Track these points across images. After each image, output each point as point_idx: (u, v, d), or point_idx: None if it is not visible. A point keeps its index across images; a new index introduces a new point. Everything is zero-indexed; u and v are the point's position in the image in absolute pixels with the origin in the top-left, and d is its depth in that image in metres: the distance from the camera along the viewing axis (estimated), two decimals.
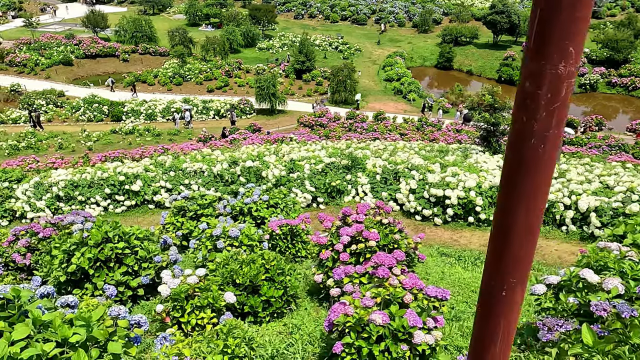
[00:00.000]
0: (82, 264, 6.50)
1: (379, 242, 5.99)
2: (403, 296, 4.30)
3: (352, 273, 4.62)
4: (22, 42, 52.38)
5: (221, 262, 6.35)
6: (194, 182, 14.60)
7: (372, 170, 14.09)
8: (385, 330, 4.01)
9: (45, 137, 31.72)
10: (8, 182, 14.73)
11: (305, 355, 4.88)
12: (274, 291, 5.92)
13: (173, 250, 7.17)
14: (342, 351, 4.09)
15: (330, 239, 6.42)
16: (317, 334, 5.31)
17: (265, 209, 10.16)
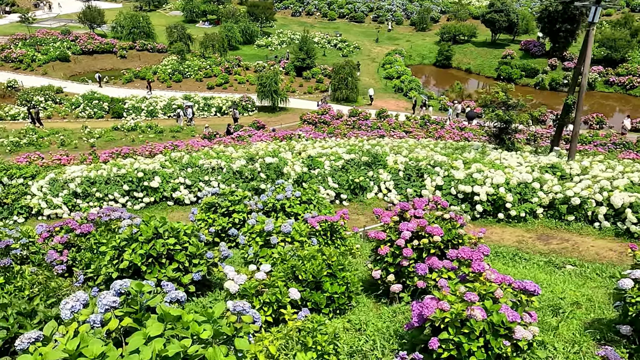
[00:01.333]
0: (134, 260, 6.36)
1: (443, 238, 5.91)
2: (494, 291, 4.23)
3: (440, 267, 4.55)
4: (18, 38, 51.62)
5: (279, 257, 6.24)
6: (214, 179, 14.44)
7: (394, 166, 14.03)
8: (485, 326, 3.94)
9: (47, 134, 31.28)
10: (22, 178, 14.46)
11: (385, 352, 4.79)
12: (337, 287, 5.83)
13: (223, 246, 7.04)
14: (438, 347, 4.01)
15: (388, 235, 6.34)
16: (389, 330, 5.23)
17: (298, 205, 10.05)
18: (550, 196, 11.06)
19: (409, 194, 12.85)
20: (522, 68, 50.15)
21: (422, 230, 6.01)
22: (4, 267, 5.08)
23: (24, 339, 2.71)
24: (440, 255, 5.98)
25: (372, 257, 6.64)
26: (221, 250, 6.94)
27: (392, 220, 6.39)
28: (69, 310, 2.78)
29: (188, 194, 14.29)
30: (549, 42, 52.16)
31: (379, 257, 6.51)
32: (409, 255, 5.96)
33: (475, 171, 12.41)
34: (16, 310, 4.16)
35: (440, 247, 5.92)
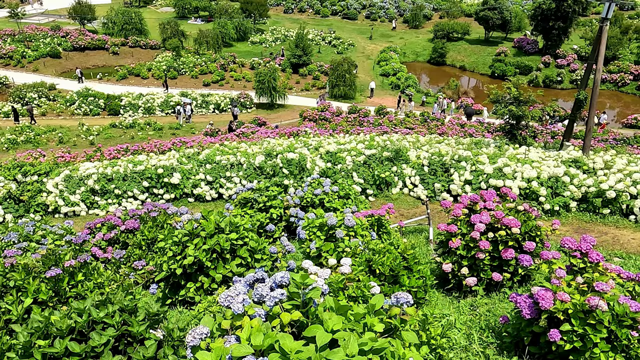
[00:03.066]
0: (199, 255, 6.17)
1: (520, 229, 5.84)
2: (607, 280, 4.16)
3: (550, 258, 4.47)
4: (6, 34, 50.44)
5: (350, 251, 6.11)
6: (235, 175, 14.23)
7: (417, 161, 13.97)
8: (609, 316, 3.87)
9: (44, 131, 30.64)
10: (37, 175, 14.09)
11: (484, 345, 4.70)
12: (415, 281, 5.72)
13: (284, 240, 6.88)
14: (560, 339, 3.92)
15: (459, 227, 6.25)
16: (477, 323, 5.14)
17: (336, 199, 9.92)
18: (583, 189, 11.09)
19: (437, 189, 12.80)
20: (516, 65, 50.54)
21: (498, 222, 5.93)
22: (83, 264, 4.86)
23: (195, 335, 2.55)
24: (517, 247, 5.91)
25: (439, 250, 6.55)
26: (284, 244, 6.78)
27: (463, 212, 6.30)
28: (241, 303, 2.62)
29: (209, 191, 14.06)
30: (541, 39, 52.69)
31: (447, 250, 6.43)
32: (486, 248, 5.88)
33: (502, 165, 12.40)
34: (118, 307, 3.98)
35: (518, 239, 5.85)
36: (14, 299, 4.56)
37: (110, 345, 3.66)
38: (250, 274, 3.37)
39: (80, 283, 4.79)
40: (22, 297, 4.52)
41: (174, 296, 6.52)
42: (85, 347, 3.58)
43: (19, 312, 4.41)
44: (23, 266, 4.57)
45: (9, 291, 4.68)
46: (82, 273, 4.86)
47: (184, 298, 6.38)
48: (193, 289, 6.35)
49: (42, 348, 3.61)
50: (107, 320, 3.85)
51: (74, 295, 4.72)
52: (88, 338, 3.76)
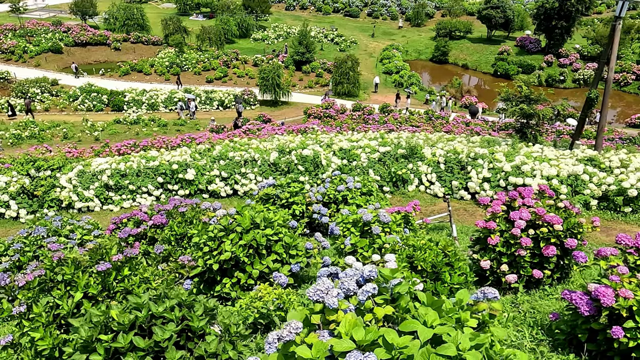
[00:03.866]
0: (236, 251, 6.12)
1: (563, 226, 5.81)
2: None
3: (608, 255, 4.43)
4: (7, 28, 50.11)
5: (389, 248, 6.07)
6: (250, 171, 14.16)
7: (432, 159, 13.93)
8: None
9: (48, 127, 30.48)
10: (50, 170, 13.98)
11: (536, 342, 4.67)
12: (457, 277, 5.68)
13: (318, 236, 6.83)
14: (623, 336, 3.89)
15: (498, 224, 6.21)
16: (525, 320, 5.11)
17: (359, 196, 9.88)
18: (603, 188, 11.08)
19: (454, 186, 12.77)
20: (519, 64, 50.56)
21: (539, 219, 5.90)
22: (128, 258, 4.80)
23: (291, 330, 2.50)
24: (558, 244, 5.88)
25: (476, 247, 6.51)
26: (319, 240, 6.73)
27: (502, 209, 6.26)
28: (335, 298, 2.57)
29: (224, 187, 13.99)
30: (544, 38, 52.72)
31: (484, 246, 6.39)
32: (527, 245, 5.84)
33: (519, 163, 12.38)
34: (176, 302, 3.92)
35: (560, 236, 5.81)
36: (62, 293, 4.50)
37: (173, 340, 3.61)
38: (324, 269, 3.32)
39: (127, 278, 4.73)
40: (71, 292, 4.46)
41: (209, 292, 6.46)
42: (149, 342, 3.52)
43: (69, 307, 4.36)
44: (72, 260, 4.50)
45: (56, 285, 4.62)
46: (128, 268, 4.80)
47: (219, 294, 6.33)
48: (229, 285, 6.29)
49: (106, 343, 3.56)
50: (167, 315, 3.79)
51: (121, 289, 4.66)
52: (148, 333, 3.71)
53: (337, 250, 6.92)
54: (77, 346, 3.72)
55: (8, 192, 13.31)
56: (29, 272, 4.59)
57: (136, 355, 3.50)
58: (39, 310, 4.36)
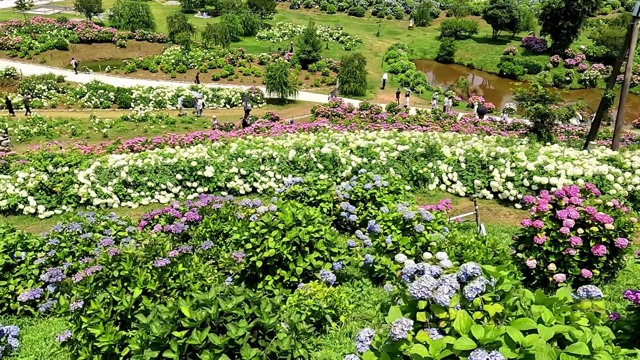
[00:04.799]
0: (281, 248, 6.05)
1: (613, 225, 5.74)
2: None
3: None
4: (12, 25, 49.99)
5: (435, 246, 6.00)
6: (269, 169, 14.09)
7: (452, 158, 13.86)
8: None
9: (56, 123, 30.39)
10: (68, 166, 13.90)
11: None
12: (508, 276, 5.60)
13: (359, 233, 6.76)
14: None
15: (545, 223, 6.14)
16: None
17: (387, 194, 9.81)
18: (630, 188, 11.02)
19: (477, 185, 12.70)
20: (525, 64, 50.49)
21: (589, 217, 5.83)
22: (183, 254, 4.72)
23: (403, 327, 2.43)
24: (608, 244, 5.82)
25: (520, 246, 6.44)
26: (361, 238, 6.66)
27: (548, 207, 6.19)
28: (447, 295, 2.51)
29: (243, 184, 13.92)
30: (550, 39, 52.64)
31: (529, 245, 6.32)
32: (578, 244, 5.78)
33: (542, 163, 12.32)
34: (244, 298, 3.85)
35: (611, 235, 5.75)
36: (118, 289, 4.43)
37: (247, 337, 3.54)
38: (410, 266, 3.25)
39: (181, 274, 4.66)
40: (129, 288, 4.39)
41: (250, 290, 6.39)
42: (225, 340, 3.45)
43: (129, 303, 4.28)
44: (130, 256, 4.43)
45: (112, 281, 4.55)
46: (182, 264, 4.72)
47: (261, 292, 6.26)
48: (271, 282, 6.22)
49: (180, 340, 3.48)
50: (237, 312, 3.72)
51: (177, 286, 4.59)
52: (218, 330, 3.63)
53: (376, 248, 6.84)
54: (149, 342, 3.65)
55: (26, 188, 13.23)
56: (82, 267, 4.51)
57: (212, 353, 3.43)
58: (97, 307, 4.29)
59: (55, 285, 4.60)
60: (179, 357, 3.45)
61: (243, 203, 7.50)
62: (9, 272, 6.82)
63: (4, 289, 6.65)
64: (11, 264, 6.88)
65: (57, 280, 4.52)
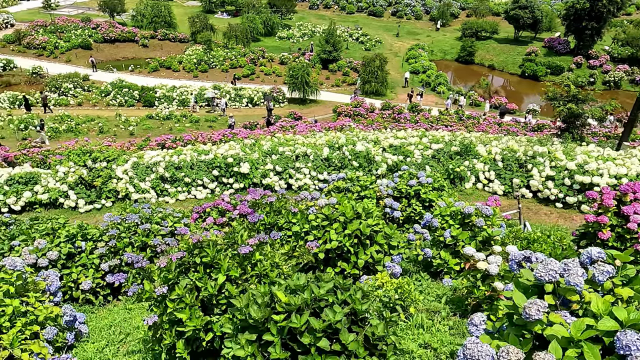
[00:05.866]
0: (343, 240, 6.09)
1: None
2: None
3: None
4: (38, 25, 50.90)
5: (498, 240, 5.99)
6: (304, 166, 14.15)
7: (489, 156, 13.78)
8: None
9: (83, 121, 30.88)
10: (106, 161, 14.12)
11: None
12: None
13: (418, 227, 6.77)
14: None
15: (609, 219, 6.09)
16: None
17: (431, 191, 9.80)
18: None
19: (515, 184, 12.61)
20: (547, 65, 49.96)
21: None
22: (260, 243, 4.78)
23: (539, 308, 2.44)
24: None
25: (582, 242, 6.39)
26: (420, 232, 6.66)
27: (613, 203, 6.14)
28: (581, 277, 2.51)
29: (278, 181, 14.01)
30: (573, 39, 52.00)
31: (591, 241, 6.27)
32: None
33: (582, 162, 12.18)
34: (333, 285, 3.89)
35: None
36: (200, 275, 4.50)
37: (344, 322, 3.58)
38: (517, 252, 3.25)
39: (259, 262, 4.71)
40: (212, 274, 4.46)
41: None
42: (325, 324, 3.49)
43: (213, 289, 4.35)
44: (213, 243, 4.50)
45: (192, 267, 4.63)
46: (259, 252, 4.78)
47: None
48: (332, 275, 6.25)
49: (280, 323, 3.53)
50: (328, 297, 3.76)
51: (255, 273, 4.64)
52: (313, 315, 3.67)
53: (433, 242, 6.84)
54: (244, 326, 3.71)
55: (67, 183, 13.47)
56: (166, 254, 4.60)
57: (312, 337, 3.47)
58: (181, 292, 4.36)
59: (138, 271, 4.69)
60: (278, 340, 3.50)
61: (302, 196, 7.55)
62: (71, 261, 6.97)
63: (67, 277, 6.80)
64: (72, 253, 7.03)
65: (140, 266, 4.62)
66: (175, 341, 4.40)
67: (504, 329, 2.89)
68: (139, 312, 6.70)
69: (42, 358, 4.88)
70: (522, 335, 2.64)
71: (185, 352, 4.33)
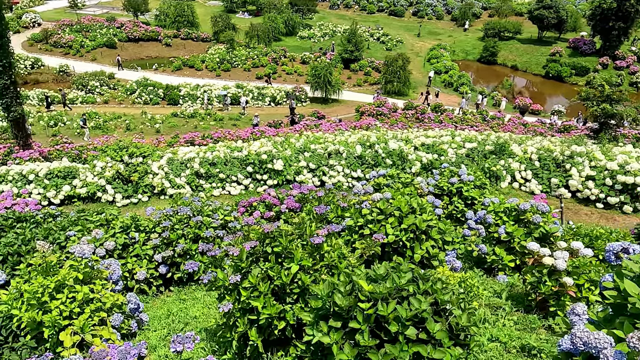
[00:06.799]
0: (400, 235, 6.08)
1: None
2: None
3: None
4: (65, 24, 51.83)
5: (560, 236, 5.93)
6: (337, 163, 14.17)
7: (524, 156, 13.64)
8: None
9: (110, 118, 31.34)
10: (142, 157, 14.32)
11: None
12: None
13: (472, 223, 6.75)
14: None
15: None
16: None
17: (473, 189, 9.74)
18: None
19: (553, 184, 12.47)
20: (572, 66, 49.17)
21: None
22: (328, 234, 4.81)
23: None
24: None
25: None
26: (475, 228, 6.64)
27: None
28: None
29: (312, 178, 14.05)
30: (599, 40, 51.13)
31: None
32: None
33: (623, 162, 11.99)
34: (411, 276, 3.90)
35: None
36: (272, 265, 4.55)
37: (430, 311, 3.59)
38: (615, 243, 3.22)
39: (327, 253, 4.75)
40: (284, 263, 4.50)
41: None
42: (412, 313, 3.51)
43: (287, 278, 4.40)
44: (285, 232, 4.55)
45: (261, 257, 4.68)
46: (327, 244, 4.82)
47: None
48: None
49: (366, 311, 3.56)
50: (408, 287, 3.77)
51: (325, 264, 4.68)
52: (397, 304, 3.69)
53: (487, 238, 6.81)
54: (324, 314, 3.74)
55: (104, 177, 13.70)
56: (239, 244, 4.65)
57: (399, 325, 3.49)
58: (254, 281, 4.41)
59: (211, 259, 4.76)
60: (366, 327, 3.53)
61: (355, 190, 7.57)
62: (125, 252, 7.10)
63: (123, 267, 6.92)
64: (127, 244, 7.16)
65: (213, 255, 4.69)
66: (247, 329, 4.46)
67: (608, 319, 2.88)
68: (192, 302, 6.80)
69: (111, 343, 4.97)
70: (634, 324, 2.62)
71: (259, 339, 4.38)
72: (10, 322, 5.07)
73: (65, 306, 5.01)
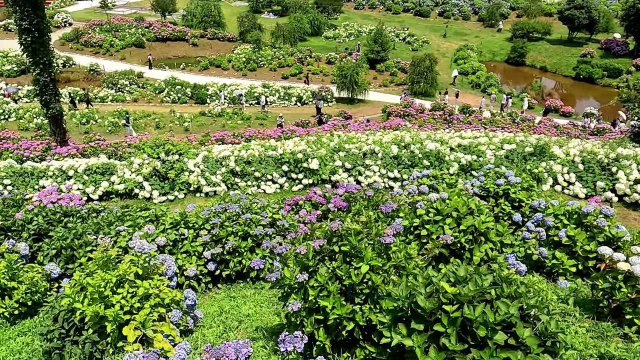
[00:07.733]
0: (459, 236, 5.92)
1: None
2: None
3: None
4: (95, 24, 52.83)
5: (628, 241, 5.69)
6: (373, 163, 14.03)
7: (567, 158, 13.28)
8: None
9: (140, 116, 31.76)
10: (179, 154, 14.40)
11: None
12: None
13: (530, 226, 6.55)
14: None
15: None
16: None
17: (520, 191, 9.48)
18: None
19: (599, 187, 12.10)
20: (604, 68, 48.01)
21: None
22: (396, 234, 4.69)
23: None
24: None
25: None
26: (535, 231, 6.44)
27: None
28: None
29: (347, 178, 13.93)
30: (632, 41, 49.82)
31: None
32: None
33: None
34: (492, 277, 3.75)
35: None
36: (339, 264, 4.45)
37: (517, 315, 3.44)
38: None
39: (394, 253, 4.62)
40: (353, 262, 4.40)
41: None
42: (500, 317, 3.36)
43: (357, 277, 4.29)
44: (354, 231, 4.44)
45: (327, 256, 4.58)
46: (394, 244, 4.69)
47: None
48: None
49: (452, 314, 3.43)
50: (490, 290, 3.63)
51: (393, 264, 4.56)
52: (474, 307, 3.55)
53: (545, 242, 6.59)
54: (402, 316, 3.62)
55: (142, 174, 13.81)
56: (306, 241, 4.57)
57: (487, 329, 3.35)
58: (323, 280, 4.32)
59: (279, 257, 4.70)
60: (453, 331, 3.39)
61: (409, 190, 7.43)
62: (175, 248, 7.08)
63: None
64: (176, 240, 7.15)
65: (280, 253, 4.62)
66: (314, 329, 4.37)
67: None
68: (242, 300, 6.74)
69: (171, 340, 4.94)
70: None
71: (327, 340, 4.28)
72: (72, 316, 5.08)
73: (126, 301, 4.99)
